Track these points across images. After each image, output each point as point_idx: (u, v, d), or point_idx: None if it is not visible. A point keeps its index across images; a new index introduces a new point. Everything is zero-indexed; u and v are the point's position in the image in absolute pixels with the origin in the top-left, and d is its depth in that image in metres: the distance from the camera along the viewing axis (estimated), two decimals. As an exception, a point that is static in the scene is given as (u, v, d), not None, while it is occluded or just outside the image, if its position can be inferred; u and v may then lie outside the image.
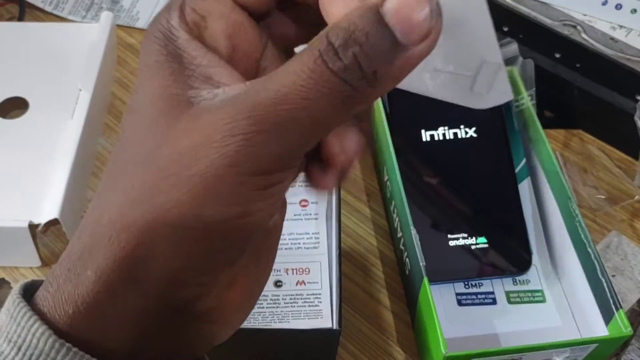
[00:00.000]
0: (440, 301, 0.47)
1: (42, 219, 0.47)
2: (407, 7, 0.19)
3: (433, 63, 0.24)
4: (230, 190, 0.21)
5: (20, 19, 0.65)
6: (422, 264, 0.43)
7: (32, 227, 0.47)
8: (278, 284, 0.44)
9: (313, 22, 0.24)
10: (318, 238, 0.46)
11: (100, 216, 0.22)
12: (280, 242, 0.45)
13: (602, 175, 0.56)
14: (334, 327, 0.41)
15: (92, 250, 0.22)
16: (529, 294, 0.48)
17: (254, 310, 0.42)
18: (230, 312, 0.25)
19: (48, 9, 0.66)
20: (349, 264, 0.51)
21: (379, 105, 0.52)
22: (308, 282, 0.44)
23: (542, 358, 0.42)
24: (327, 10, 0.22)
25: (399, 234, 0.49)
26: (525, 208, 0.50)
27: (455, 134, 0.51)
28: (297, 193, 0.46)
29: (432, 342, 0.42)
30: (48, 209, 0.47)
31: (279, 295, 0.43)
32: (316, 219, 0.47)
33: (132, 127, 0.23)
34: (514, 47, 0.56)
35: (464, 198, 0.49)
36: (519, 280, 0.48)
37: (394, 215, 0.50)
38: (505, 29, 0.60)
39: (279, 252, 0.44)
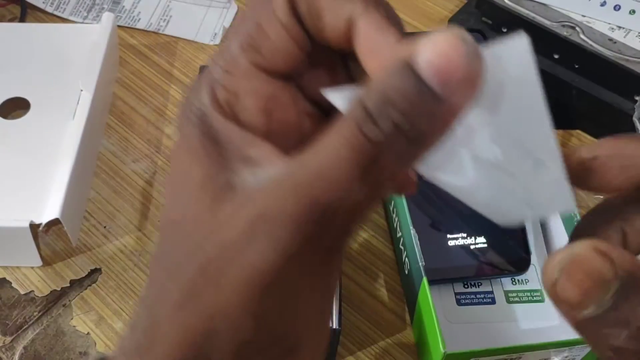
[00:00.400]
0: (439, 301, 0.47)
1: (43, 218, 0.47)
2: (441, 56, 0.17)
3: (474, 143, 0.20)
4: (283, 283, 0.20)
5: (22, 19, 0.65)
6: (421, 263, 0.43)
7: (34, 227, 0.47)
8: None
9: (349, 71, 0.23)
10: None
11: (155, 318, 0.21)
12: None
13: (600, 175, 0.57)
14: (334, 327, 0.41)
15: (149, 349, 0.21)
16: (528, 294, 0.48)
17: None
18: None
19: (49, 9, 0.66)
20: (349, 263, 0.51)
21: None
22: None
23: (541, 357, 0.42)
24: (366, 63, 0.21)
25: (399, 234, 0.49)
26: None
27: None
28: None
29: (431, 341, 0.42)
30: (49, 209, 0.47)
31: None
32: None
33: (173, 216, 0.22)
34: (513, 48, 0.56)
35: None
36: (518, 280, 0.48)
37: (394, 215, 0.50)
38: (505, 30, 0.60)
39: None
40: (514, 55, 0.19)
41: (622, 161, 0.21)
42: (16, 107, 0.55)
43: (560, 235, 0.49)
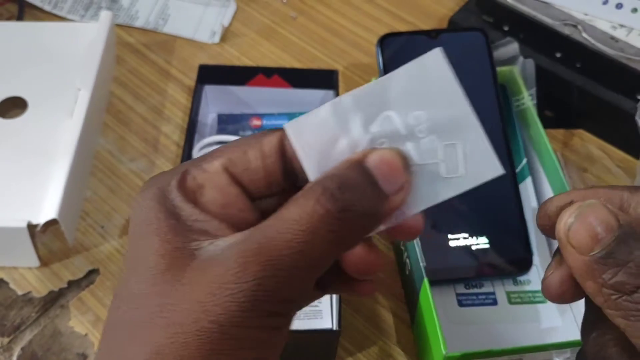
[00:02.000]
0: (440, 302, 0.47)
1: (40, 219, 0.46)
2: (385, 164, 0.24)
3: (415, 136, 0.26)
4: (246, 336, 0.22)
5: (20, 18, 0.65)
6: (422, 264, 0.43)
7: (31, 227, 0.46)
8: None
9: None
10: None
11: None
12: None
13: (602, 175, 0.56)
14: (334, 328, 0.41)
15: None
16: (530, 295, 0.47)
17: None
18: None
19: (47, 8, 0.66)
20: (349, 264, 0.51)
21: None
22: None
23: (543, 358, 0.42)
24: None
25: (399, 234, 0.49)
26: (526, 208, 0.50)
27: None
28: None
29: (432, 342, 0.42)
30: (47, 209, 0.47)
31: None
32: None
33: (134, 284, 0.23)
34: (514, 47, 0.56)
35: (465, 198, 0.49)
36: (520, 281, 0.48)
37: (394, 215, 0.50)
38: (506, 29, 0.60)
39: None
40: (433, 63, 0.25)
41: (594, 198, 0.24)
42: (14, 106, 0.55)
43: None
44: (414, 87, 0.25)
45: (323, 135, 0.25)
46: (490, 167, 0.27)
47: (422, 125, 0.25)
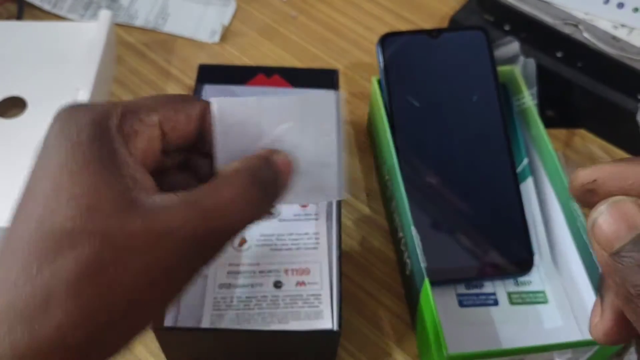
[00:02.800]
0: (441, 302, 0.46)
1: None
2: (287, 165, 0.30)
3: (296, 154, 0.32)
4: (178, 278, 0.26)
5: (19, 17, 0.65)
6: (423, 264, 0.43)
7: None
8: (277, 284, 0.44)
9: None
10: (318, 238, 0.45)
11: (49, 287, 0.24)
12: (281, 242, 0.45)
13: (604, 174, 0.56)
14: (334, 329, 0.41)
15: (43, 313, 0.23)
16: (531, 295, 0.47)
17: (253, 312, 0.42)
18: None
19: (47, 7, 0.65)
20: (349, 264, 0.50)
21: (379, 103, 0.52)
22: (308, 283, 0.44)
23: (544, 359, 0.42)
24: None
25: (400, 234, 0.48)
26: (527, 208, 0.50)
27: (456, 134, 0.51)
28: None
29: (433, 343, 0.42)
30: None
31: (278, 296, 0.43)
32: (316, 219, 0.46)
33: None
34: (515, 46, 0.55)
35: (466, 198, 0.49)
36: (521, 281, 0.48)
37: (395, 216, 0.50)
38: (507, 28, 0.60)
39: (279, 253, 0.45)
40: (324, 100, 0.32)
41: (620, 182, 0.23)
42: (13, 106, 0.55)
43: (563, 236, 0.49)
44: (305, 112, 0.32)
45: (241, 121, 0.30)
46: (335, 191, 0.34)
47: (299, 142, 0.32)
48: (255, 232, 0.46)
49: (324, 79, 0.54)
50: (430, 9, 0.69)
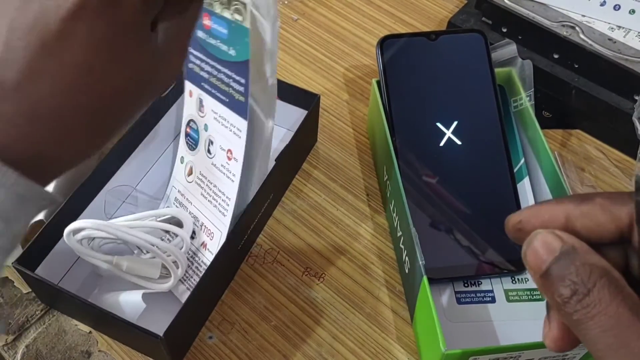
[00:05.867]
0: (439, 299, 0.47)
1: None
2: None
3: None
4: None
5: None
6: (421, 262, 0.44)
7: None
8: (193, 236, 0.50)
9: None
10: (229, 204, 0.47)
11: None
12: (206, 191, 0.49)
13: (600, 175, 0.57)
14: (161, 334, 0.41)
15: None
16: (528, 292, 0.48)
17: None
18: None
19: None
20: (349, 262, 0.51)
21: (379, 105, 0.52)
22: (207, 250, 0.49)
23: (541, 356, 0.42)
24: None
25: (399, 233, 0.49)
26: (524, 207, 0.50)
27: (454, 134, 0.51)
28: (228, 138, 0.47)
29: (431, 339, 0.42)
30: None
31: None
32: (232, 181, 0.47)
33: None
34: (512, 48, 0.56)
35: (464, 197, 0.50)
36: (518, 279, 0.49)
37: (394, 214, 0.50)
38: (504, 30, 0.61)
39: (204, 200, 0.50)
40: None
41: (538, 219, 0.27)
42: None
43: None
44: None
45: None
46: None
47: None
48: (198, 165, 0.49)
49: (306, 99, 0.55)
50: (429, 12, 0.70)
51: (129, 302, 0.45)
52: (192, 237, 0.50)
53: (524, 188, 0.52)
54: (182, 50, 0.31)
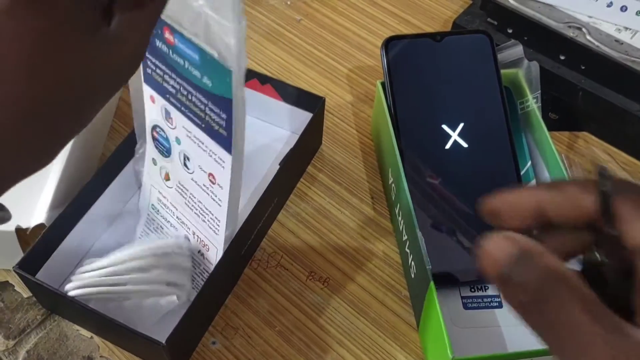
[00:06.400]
0: (445, 305, 0.47)
1: (30, 223, 0.46)
2: None
3: None
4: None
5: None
6: (428, 267, 0.43)
7: (19, 231, 0.46)
8: (187, 238, 0.49)
9: None
10: (219, 226, 0.45)
11: None
12: (191, 203, 0.47)
13: (607, 177, 0.56)
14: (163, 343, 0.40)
15: None
16: (535, 297, 0.47)
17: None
18: None
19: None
20: (354, 266, 0.51)
21: (383, 107, 0.52)
22: (205, 257, 0.48)
23: (549, 362, 0.42)
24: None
25: (404, 237, 0.49)
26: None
27: (460, 136, 0.51)
28: (208, 162, 0.44)
29: (438, 346, 0.42)
30: (37, 213, 0.47)
31: (186, 247, 0.48)
32: (220, 205, 0.44)
33: None
34: (518, 49, 0.56)
35: (470, 201, 0.49)
36: (525, 284, 0.48)
37: (399, 218, 0.50)
38: (510, 31, 0.60)
39: (190, 212, 0.48)
40: None
41: (512, 205, 0.28)
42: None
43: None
44: None
45: None
46: None
47: None
48: (175, 174, 0.47)
49: (311, 102, 0.54)
50: (434, 12, 0.70)
51: (135, 310, 0.45)
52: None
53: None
54: (142, 40, 0.29)
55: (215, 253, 0.46)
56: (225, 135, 0.39)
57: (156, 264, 0.45)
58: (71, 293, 0.44)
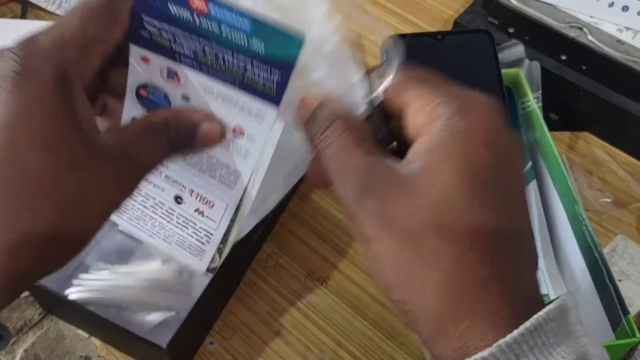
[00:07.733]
0: (445, 305, 0.46)
1: None
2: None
3: None
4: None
5: (23, 17, 0.65)
6: (427, 268, 0.43)
7: None
8: (178, 199, 0.39)
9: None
10: (238, 178, 0.38)
11: None
12: (196, 158, 0.40)
13: (608, 178, 0.56)
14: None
15: None
16: (535, 299, 0.47)
17: (147, 211, 0.41)
18: None
19: (51, 9, 0.65)
20: (353, 267, 0.50)
21: (383, 107, 0.52)
22: (206, 216, 0.39)
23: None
24: None
25: (404, 237, 0.48)
26: (531, 211, 0.49)
27: (460, 137, 0.51)
28: (233, 115, 0.37)
29: (437, 347, 0.41)
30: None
31: (174, 211, 0.40)
32: (244, 158, 0.38)
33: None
34: (519, 49, 0.55)
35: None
36: (525, 285, 0.48)
37: (399, 218, 0.49)
38: (511, 31, 0.60)
39: (190, 169, 0.42)
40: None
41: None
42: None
43: (567, 239, 0.48)
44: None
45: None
46: None
47: None
48: None
49: None
50: (434, 12, 0.69)
51: (134, 315, 0.44)
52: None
53: (531, 191, 0.51)
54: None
55: (223, 209, 0.39)
56: (271, 95, 0.35)
57: (155, 296, 0.46)
58: (71, 297, 0.43)
